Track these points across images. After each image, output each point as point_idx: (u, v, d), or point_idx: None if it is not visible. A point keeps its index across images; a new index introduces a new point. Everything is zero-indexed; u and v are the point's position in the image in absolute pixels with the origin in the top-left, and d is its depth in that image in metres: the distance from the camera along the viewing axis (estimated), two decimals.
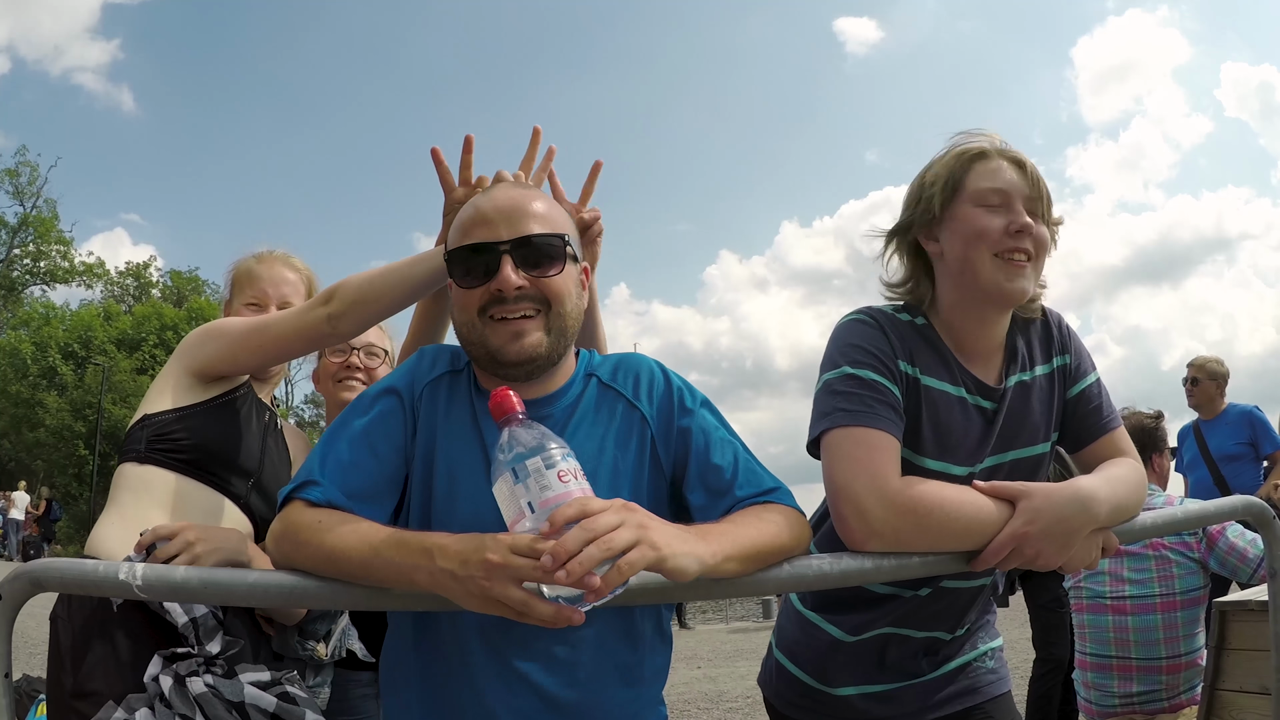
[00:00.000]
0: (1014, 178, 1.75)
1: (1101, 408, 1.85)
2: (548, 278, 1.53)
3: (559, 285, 1.53)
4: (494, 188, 1.67)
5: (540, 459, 1.25)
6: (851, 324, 1.79)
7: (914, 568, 1.57)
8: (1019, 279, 1.72)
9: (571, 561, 1.16)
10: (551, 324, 1.53)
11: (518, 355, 1.50)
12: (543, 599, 1.21)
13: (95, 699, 1.75)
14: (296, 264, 2.44)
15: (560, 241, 1.55)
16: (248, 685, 1.71)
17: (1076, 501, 1.58)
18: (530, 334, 1.51)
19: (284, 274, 2.40)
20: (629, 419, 1.59)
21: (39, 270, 41.01)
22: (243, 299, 2.37)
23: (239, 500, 2.10)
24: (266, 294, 2.36)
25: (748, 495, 1.52)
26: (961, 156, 1.78)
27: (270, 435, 2.28)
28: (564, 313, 1.54)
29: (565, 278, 1.55)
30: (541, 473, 1.24)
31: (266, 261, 2.41)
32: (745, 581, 1.41)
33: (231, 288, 2.44)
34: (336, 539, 1.38)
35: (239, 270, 2.42)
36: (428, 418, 1.56)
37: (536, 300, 1.52)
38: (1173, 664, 3.28)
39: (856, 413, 1.64)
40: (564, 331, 1.55)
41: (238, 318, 2.25)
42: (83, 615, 1.89)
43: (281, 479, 2.22)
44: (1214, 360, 6.07)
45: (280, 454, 2.30)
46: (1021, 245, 1.71)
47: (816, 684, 1.93)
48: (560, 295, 1.53)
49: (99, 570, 1.35)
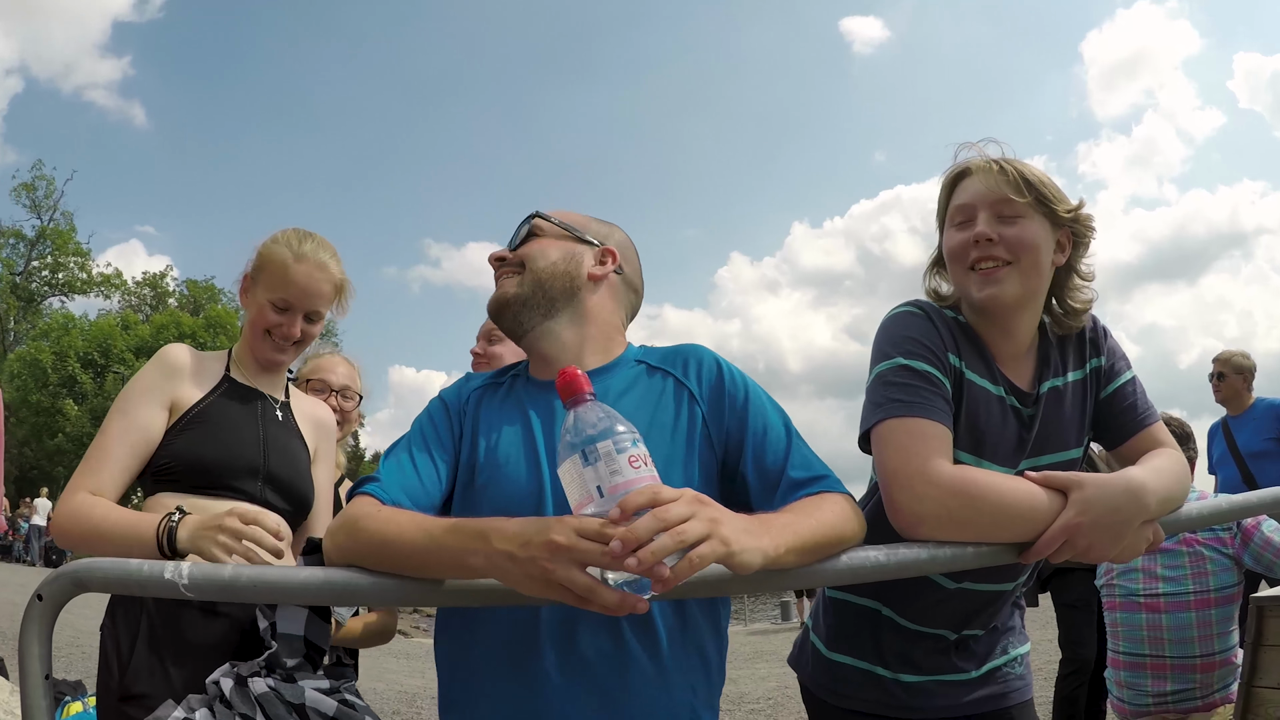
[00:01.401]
0: (981, 187, 1.77)
1: (1137, 404, 1.85)
2: (526, 245, 1.76)
3: (536, 249, 1.75)
4: None
5: (611, 442, 1.23)
6: (902, 315, 1.80)
7: (968, 559, 1.56)
8: (989, 286, 1.74)
9: (643, 549, 1.14)
10: (525, 279, 1.72)
11: (496, 301, 1.74)
12: (606, 587, 1.19)
13: (143, 702, 1.78)
14: (334, 272, 2.28)
15: (530, 218, 1.80)
16: (309, 690, 1.72)
17: (1129, 492, 1.58)
18: (503, 285, 1.74)
19: (320, 287, 2.24)
20: (678, 396, 1.62)
21: (57, 282, 41.33)
22: (270, 294, 2.22)
23: (255, 500, 2.09)
24: (297, 301, 2.23)
25: (802, 479, 1.52)
26: (944, 182, 1.85)
27: (269, 423, 2.25)
28: (536, 269, 1.72)
29: (545, 244, 1.76)
30: (613, 456, 1.22)
31: (305, 264, 2.23)
32: (803, 573, 1.41)
33: (259, 271, 2.27)
34: (392, 525, 1.39)
35: (273, 259, 2.24)
36: (473, 418, 1.67)
37: (516, 264, 1.75)
38: (1207, 662, 3.26)
39: (911, 404, 1.65)
40: (537, 281, 1.72)
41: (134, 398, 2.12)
42: (129, 614, 1.94)
43: (292, 461, 2.24)
44: (1239, 354, 5.98)
45: (288, 435, 2.28)
46: (988, 253, 1.73)
47: (868, 666, 1.94)
48: (535, 257, 1.74)
49: (144, 570, 1.34)
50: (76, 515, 1.93)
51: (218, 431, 2.12)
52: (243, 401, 2.23)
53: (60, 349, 34.98)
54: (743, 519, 1.30)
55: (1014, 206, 1.74)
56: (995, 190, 1.75)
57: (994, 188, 1.75)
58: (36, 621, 1.32)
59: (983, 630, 1.94)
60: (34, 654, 1.31)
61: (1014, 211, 1.74)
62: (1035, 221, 1.74)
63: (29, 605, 1.33)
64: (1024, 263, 1.73)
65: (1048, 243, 1.76)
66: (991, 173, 1.77)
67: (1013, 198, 1.74)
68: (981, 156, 1.81)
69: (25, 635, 1.32)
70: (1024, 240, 1.73)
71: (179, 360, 2.19)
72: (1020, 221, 1.74)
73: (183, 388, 2.15)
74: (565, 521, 1.21)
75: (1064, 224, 1.78)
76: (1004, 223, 1.74)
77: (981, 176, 1.78)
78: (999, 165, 1.77)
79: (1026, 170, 1.76)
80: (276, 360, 2.29)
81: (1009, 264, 1.73)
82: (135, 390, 2.12)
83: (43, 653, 1.32)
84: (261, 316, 2.23)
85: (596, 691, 1.45)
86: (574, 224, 1.78)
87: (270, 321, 2.22)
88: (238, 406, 2.21)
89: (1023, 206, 1.73)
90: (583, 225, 1.79)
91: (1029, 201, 1.73)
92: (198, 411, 2.13)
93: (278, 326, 2.23)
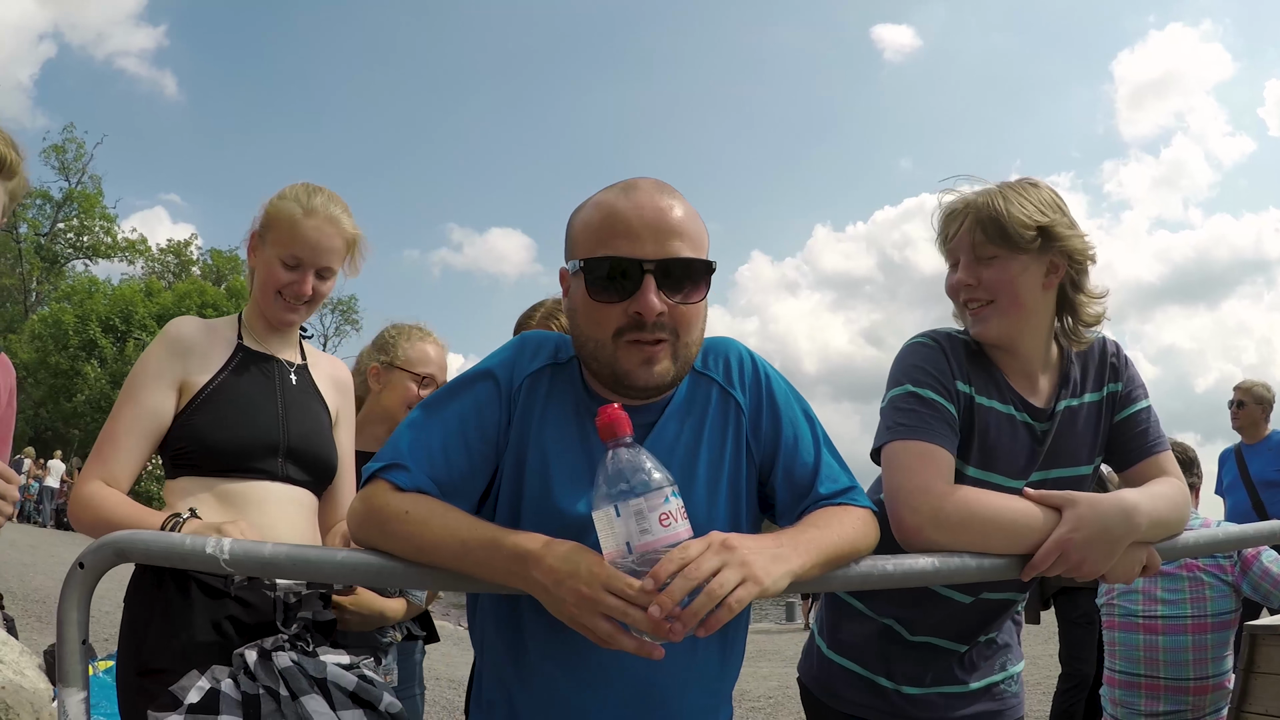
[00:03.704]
0: (962, 231, 1.86)
1: (1149, 431, 1.92)
2: (689, 304, 1.46)
3: (694, 313, 1.48)
4: (634, 187, 1.50)
5: (644, 500, 1.25)
6: (916, 346, 1.89)
7: (971, 571, 1.64)
8: (978, 324, 1.88)
9: (685, 614, 1.19)
10: (679, 352, 1.48)
11: (646, 382, 1.46)
12: (626, 633, 1.24)
13: (161, 677, 1.81)
14: (345, 226, 2.19)
15: (705, 268, 1.48)
16: (330, 664, 1.77)
17: (1121, 512, 1.65)
18: (660, 362, 1.45)
19: (332, 241, 2.15)
20: (724, 407, 1.58)
21: (82, 245, 41.43)
22: (279, 251, 2.14)
23: (277, 478, 2.09)
24: (308, 258, 2.14)
25: (829, 494, 1.56)
26: (940, 228, 1.94)
27: (286, 391, 2.18)
28: (690, 341, 1.49)
29: (702, 305, 1.49)
30: (644, 515, 1.24)
31: (315, 219, 2.13)
32: (818, 580, 1.45)
33: (267, 228, 2.18)
34: (425, 532, 1.39)
35: (281, 215, 2.15)
36: (525, 410, 1.53)
37: (669, 329, 1.45)
38: (1200, 685, 3.30)
39: (915, 428, 1.76)
40: (688, 361, 1.51)
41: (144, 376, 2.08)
42: (145, 593, 1.95)
43: (313, 430, 2.19)
44: (1261, 385, 6.03)
45: (308, 400, 2.23)
46: (972, 295, 1.86)
47: (870, 675, 2.01)
48: (691, 323, 1.48)
49: (185, 544, 1.38)
50: (89, 505, 1.95)
51: (234, 410, 2.07)
52: (259, 372, 2.16)
53: (83, 312, 35.13)
54: (770, 545, 1.34)
55: (987, 249, 1.83)
56: (968, 235, 1.85)
57: (968, 233, 1.85)
58: (76, 589, 1.36)
59: (986, 640, 2.01)
60: (73, 620, 1.35)
61: (988, 253, 1.83)
62: (1012, 259, 1.82)
63: (70, 572, 1.36)
64: (1002, 301, 1.83)
65: (1031, 274, 1.83)
66: (968, 217, 1.86)
67: (986, 241, 1.82)
68: (961, 199, 1.89)
69: (65, 602, 1.36)
70: (1000, 281, 1.83)
71: (186, 336, 2.12)
72: (996, 262, 1.83)
73: (193, 364, 2.09)
74: (595, 571, 1.25)
75: (1051, 250, 1.83)
76: (982, 264, 1.84)
77: (959, 221, 1.87)
78: (976, 209, 1.85)
79: (1002, 209, 1.82)
80: (288, 320, 2.21)
81: (990, 303, 1.84)
82: (143, 373, 2.07)
83: (81, 619, 1.36)
84: (272, 275, 2.15)
85: (634, 680, 1.48)
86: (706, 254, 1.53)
87: (281, 280, 2.14)
88: (253, 378, 2.14)
89: (995, 248, 1.82)
90: (709, 253, 1.54)
91: (1000, 244, 1.81)
92: (212, 390, 2.08)
93: (289, 285, 2.15)
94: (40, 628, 7.48)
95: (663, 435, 1.54)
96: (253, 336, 2.22)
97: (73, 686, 1.35)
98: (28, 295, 40.99)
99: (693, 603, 1.20)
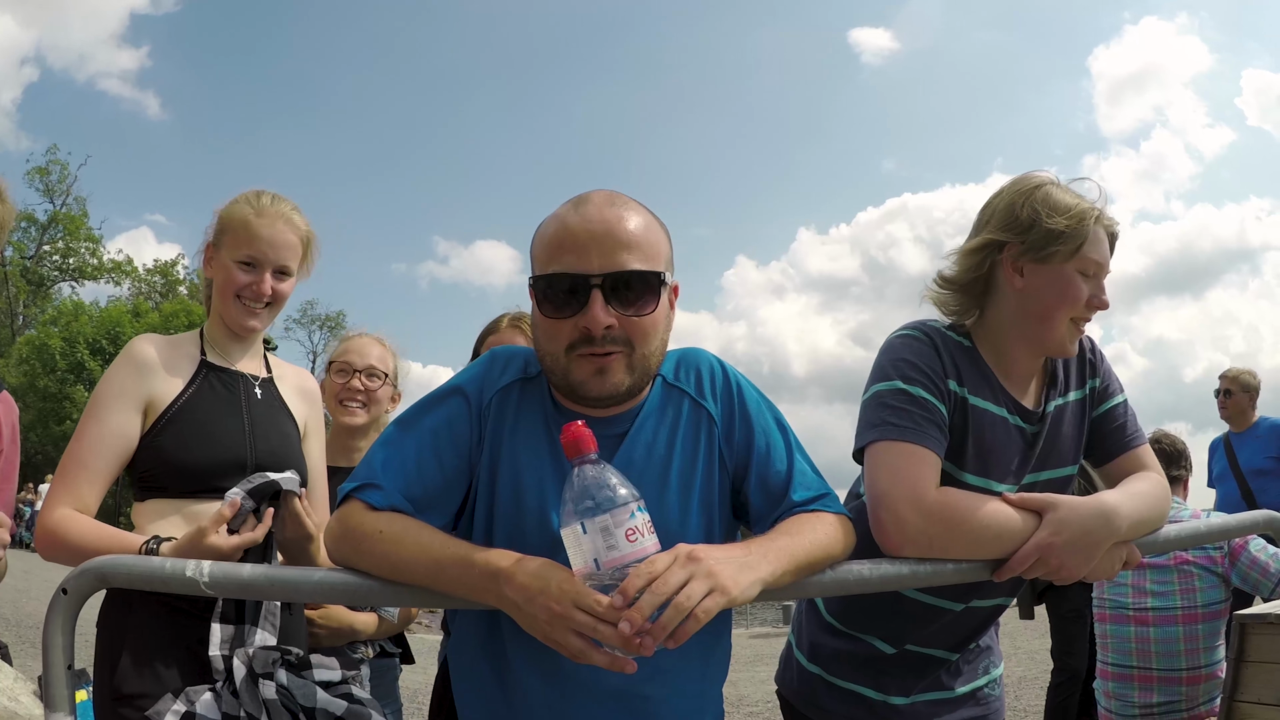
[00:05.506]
0: (1107, 251, 1.84)
1: (1126, 426, 1.91)
2: (640, 317, 1.47)
3: (647, 325, 1.48)
4: (585, 201, 1.52)
5: (610, 516, 1.25)
6: (906, 339, 1.83)
7: (947, 575, 1.63)
8: (1076, 343, 1.83)
9: (655, 628, 1.21)
10: (635, 363, 1.48)
11: (599, 392, 1.47)
12: (599, 648, 1.25)
13: (134, 702, 1.80)
14: (298, 223, 2.19)
15: (656, 279, 1.48)
16: (320, 691, 1.76)
17: (1101, 515, 1.64)
18: (614, 373, 1.47)
19: (286, 236, 2.15)
20: (695, 418, 1.59)
21: (68, 267, 41.31)
22: (235, 254, 2.13)
23: None
24: (264, 256, 2.13)
25: (803, 500, 1.56)
26: (1085, 220, 1.79)
27: (252, 406, 2.16)
28: (648, 352, 1.50)
29: (656, 315, 1.49)
30: (610, 531, 1.25)
31: (268, 217, 2.14)
32: (790, 587, 1.45)
33: (221, 234, 2.17)
34: (400, 551, 1.40)
35: (234, 218, 2.15)
36: (496, 426, 1.54)
37: (621, 341, 1.47)
38: (1193, 675, 3.32)
39: (904, 428, 1.70)
40: (647, 370, 1.52)
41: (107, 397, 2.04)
42: (114, 619, 1.93)
43: (280, 445, 2.15)
44: (1247, 372, 6.06)
45: (274, 415, 2.20)
46: (1091, 317, 1.82)
47: (855, 687, 1.98)
48: (647, 334, 1.48)
49: (165, 567, 1.40)
50: (56, 533, 1.90)
51: (200, 430, 2.04)
52: (223, 388, 2.13)
53: (70, 335, 35.01)
54: (738, 554, 1.35)
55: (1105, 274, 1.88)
56: (1107, 252, 1.87)
57: (1107, 249, 1.87)
58: (60, 614, 1.37)
59: (974, 645, 2.00)
60: (58, 645, 1.36)
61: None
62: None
63: (54, 598, 1.37)
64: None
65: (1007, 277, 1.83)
66: (1114, 239, 1.89)
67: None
68: (1103, 211, 1.87)
69: (49, 627, 1.37)
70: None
71: (147, 355, 2.08)
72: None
73: (156, 383, 2.05)
74: (564, 588, 1.26)
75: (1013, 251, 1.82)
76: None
77: (1105, 240, 1.87)
78: (1115, 233, 1.89)
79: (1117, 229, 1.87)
80: (249, 326, 2.16)
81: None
82: (107, 394, 2.03)
83: (66, 644, 1.37)
84: (230, 279, 2.13)
85: (618, 688, 1.49)
86: (668, 266, 1.55)
87: (239, 282, 2.12)
88: (218, 395, 2.11)
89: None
90: (669, 258, 1.56)
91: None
92: (176, 410, 2.05)
93: (247, 286, 2.12)
94: (34, 654, 7.40)
95: (634, 446, 1.54)
96: (216, 351, 2.19)
97: (59, 711, 1.36)
98: (14, 319, 40.78)
99: (661, 616, 1.21)
